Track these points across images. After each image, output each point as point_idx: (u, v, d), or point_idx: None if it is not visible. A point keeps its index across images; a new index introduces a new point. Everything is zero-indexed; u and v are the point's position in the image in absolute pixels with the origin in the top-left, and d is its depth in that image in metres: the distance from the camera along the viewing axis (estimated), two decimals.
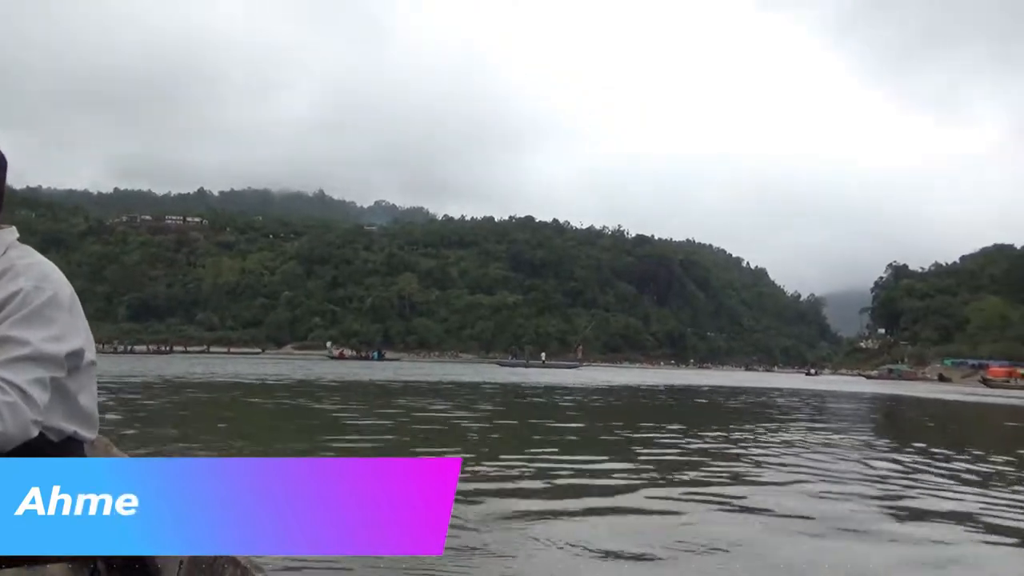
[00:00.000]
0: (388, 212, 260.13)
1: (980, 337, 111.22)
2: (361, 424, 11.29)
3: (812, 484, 7.07)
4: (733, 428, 13.07)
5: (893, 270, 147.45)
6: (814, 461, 8.77)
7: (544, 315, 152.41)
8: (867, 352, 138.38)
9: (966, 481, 7.72)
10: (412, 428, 11.19)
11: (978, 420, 21.57)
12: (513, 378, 36.00)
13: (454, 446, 9.04)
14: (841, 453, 9.77)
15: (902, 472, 8.23)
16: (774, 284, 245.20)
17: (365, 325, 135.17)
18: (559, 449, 9.02)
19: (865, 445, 11.10)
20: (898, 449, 10.68)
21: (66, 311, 1.56)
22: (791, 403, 23.30)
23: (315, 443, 8.90)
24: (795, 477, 7.51)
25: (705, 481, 7.07)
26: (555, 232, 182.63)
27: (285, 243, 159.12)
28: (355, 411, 13.92)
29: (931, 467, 8.74)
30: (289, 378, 27.33)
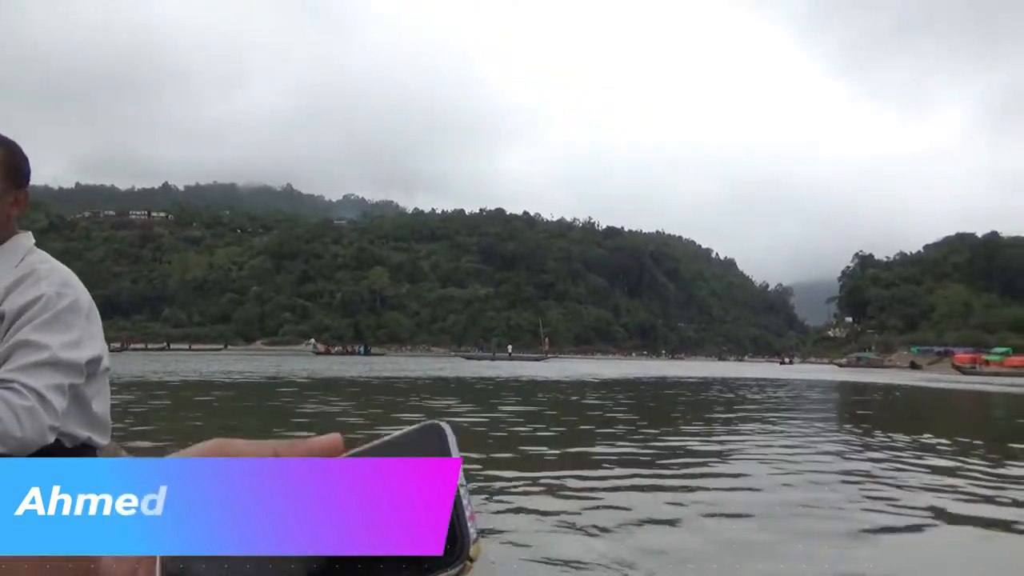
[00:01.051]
0: (357, 206, 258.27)
1: (945, 324, 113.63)
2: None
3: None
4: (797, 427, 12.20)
5: (860, 260, 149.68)
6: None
7: (515, 308, 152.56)
8: (834, 341, 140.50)
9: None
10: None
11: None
12: (490, 372, 35.71)
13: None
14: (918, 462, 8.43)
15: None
16: (743, 275, 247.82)
17: (336, 320, 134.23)
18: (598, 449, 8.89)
19: (958, 452, 9.40)
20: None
21: (84, 317, 1.57)
22: (795, 395, 22.78)
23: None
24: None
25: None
26: (526, 224, 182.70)
27: (253, 238, 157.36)
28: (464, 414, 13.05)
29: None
30: (291, 376, 26.28)
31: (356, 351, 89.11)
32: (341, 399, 16.12)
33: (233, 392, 18.08)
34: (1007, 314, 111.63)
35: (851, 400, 22.42)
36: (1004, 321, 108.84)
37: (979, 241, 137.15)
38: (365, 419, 11.58)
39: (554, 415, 13.46)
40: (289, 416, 12.18)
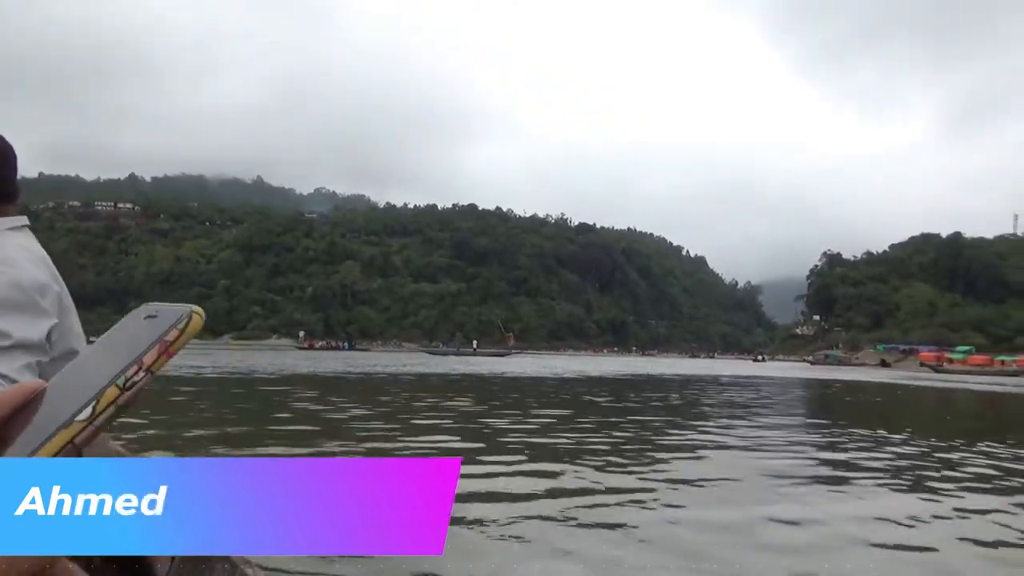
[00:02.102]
0: (329, 199, 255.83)
1: (910, 323, 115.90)
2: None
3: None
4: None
5: (827, 258, 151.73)
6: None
7: (487, 303, 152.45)
8: (802, 338, 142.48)
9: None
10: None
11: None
12: (466, 368, 35.47)
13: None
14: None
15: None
16: (713, 272, 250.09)
17: (306, 314, 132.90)
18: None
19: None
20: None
21: (36, 294, 1.51)
22: (787, 394, 22.70)
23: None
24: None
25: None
26: (499, 220, 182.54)
27: (222, 230, 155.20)
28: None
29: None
30: (286, 372, 25.84)
31: (340, 346, 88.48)
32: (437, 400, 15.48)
33: (242, 390, 17.64)
34: (970, 313, 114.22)
35: (860, 400, 21.99)
36: (967, 320, 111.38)
37: (943, 241, 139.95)
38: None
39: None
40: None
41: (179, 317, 0.43)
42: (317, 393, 16.68)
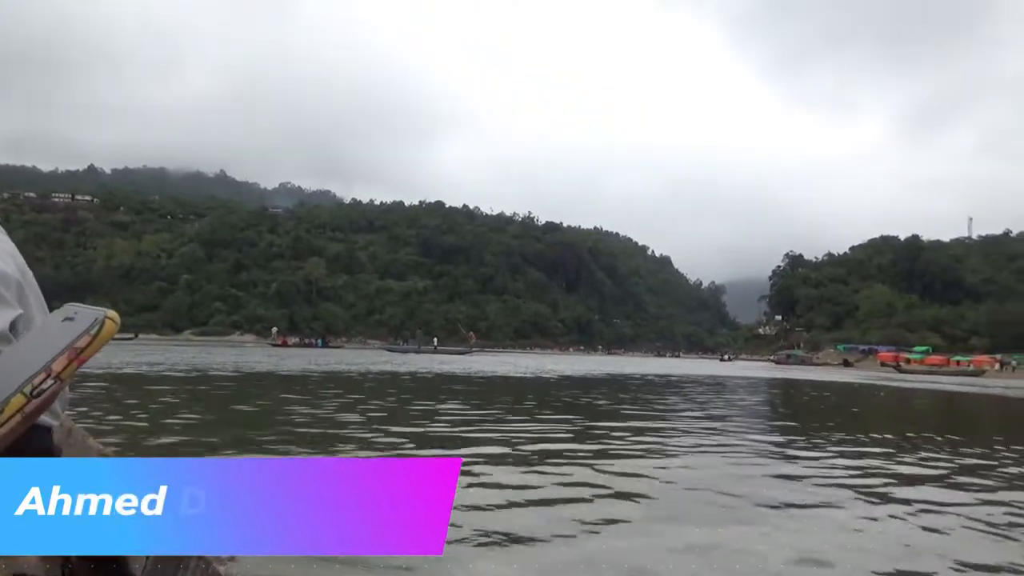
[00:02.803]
0: (294, 194, 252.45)
1: (869, 323, 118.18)
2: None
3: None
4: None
5: (790, 259, 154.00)
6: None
7: (454, 301, 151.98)
8: (765, 338, 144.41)
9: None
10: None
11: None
12: (443, 367, 35.23)
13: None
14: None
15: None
16: (678, 272, 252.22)
17: (270, 310, 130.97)
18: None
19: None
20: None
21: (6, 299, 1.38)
22: (778, 394, 22.48)
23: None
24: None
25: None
26: (465, 218, 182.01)
27: (184, 224, 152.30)
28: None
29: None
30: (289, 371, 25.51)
31: (314, 344, 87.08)
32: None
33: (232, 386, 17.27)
34: (927, 314, 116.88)
35: (846, 402, 21.55)
36: (924, 321, 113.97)
37: (902, 244, 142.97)
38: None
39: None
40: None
41: (91, 323, 0.44)
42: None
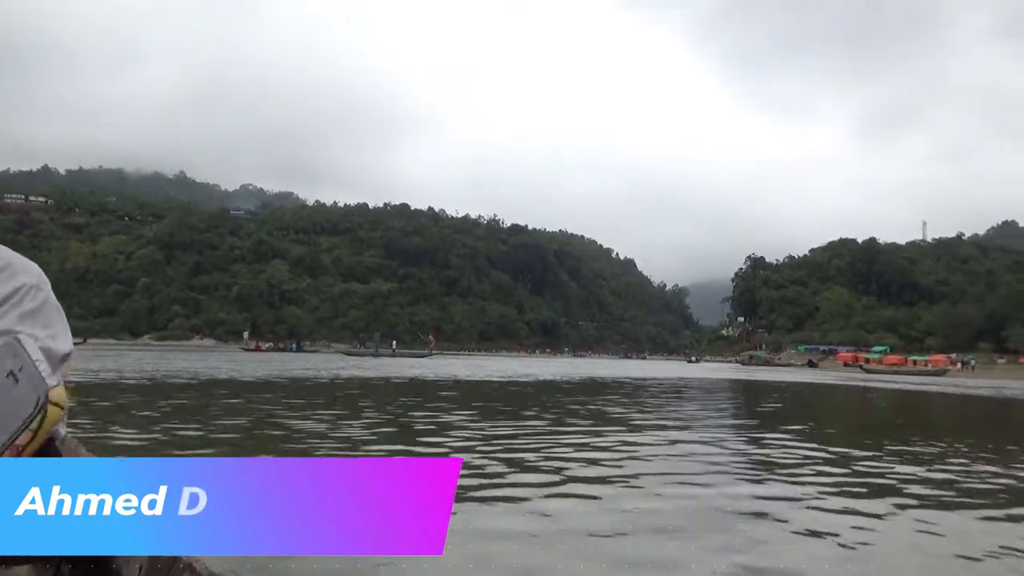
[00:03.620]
0: (256, 196, 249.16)
1: (829, 324, 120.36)
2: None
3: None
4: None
5: (752, 262, 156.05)
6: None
7: (419, 303, 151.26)
8: (728, 340, 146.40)
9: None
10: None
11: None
12: (416, 370, 34.74)
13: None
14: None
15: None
16: (642, 274, 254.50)
17: (231, 314, 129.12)
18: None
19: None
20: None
21: (57, 311, 1.56)
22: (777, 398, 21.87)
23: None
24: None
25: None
26: (430, 220, 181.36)
27: (142, 226, 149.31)
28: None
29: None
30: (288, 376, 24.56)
31: (289, 348, 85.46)
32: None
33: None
34: (884, 315, 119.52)
35: (843, 404, 20.96)
36: (882, 322, 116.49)
37: (859, 246, 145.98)
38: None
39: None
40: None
41: (29, 415, 0.41)
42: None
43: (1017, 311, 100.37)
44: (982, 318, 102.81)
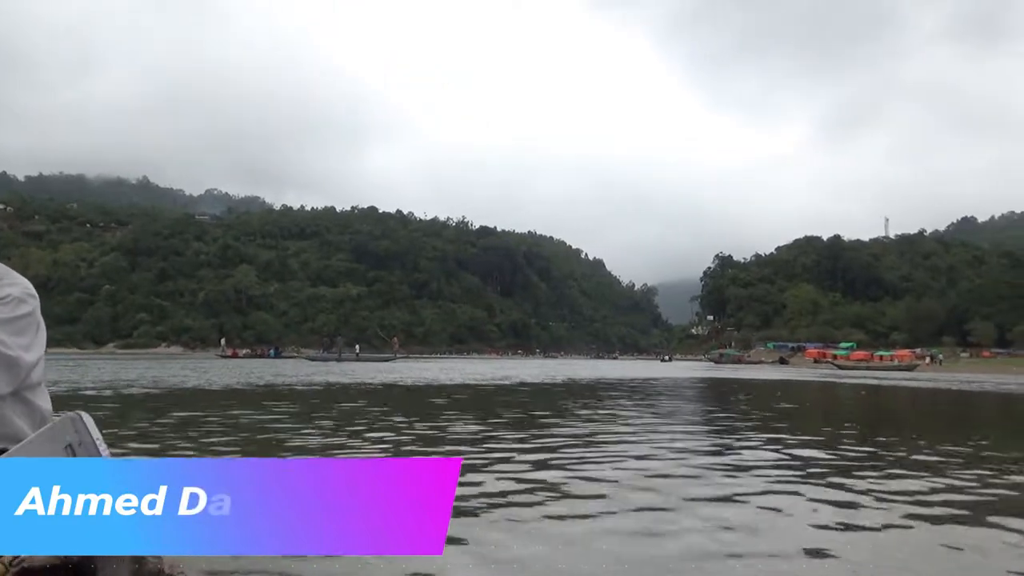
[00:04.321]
0: (221, 201, 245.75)
1: (796, 322, 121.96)
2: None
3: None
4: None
5: (720, 260, 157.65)
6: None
7: (389, 307, 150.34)
8: (697, 338, 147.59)
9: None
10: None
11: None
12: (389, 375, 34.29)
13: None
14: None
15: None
16: (611, 274, 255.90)
17: (198, 320, 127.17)
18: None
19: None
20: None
21: (36, 327, 1.65)
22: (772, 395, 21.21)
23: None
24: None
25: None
26: (399, 223, 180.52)
27: (105, 233, 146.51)
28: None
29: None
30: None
31: (267, 354, 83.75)
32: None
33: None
34: (850, 312, 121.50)
35: (853, 404, 19.84)
36: (848, 318, 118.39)
37: (824, 244, 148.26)
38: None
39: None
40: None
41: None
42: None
43: (978, 305, 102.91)
44: (944, 312, 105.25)
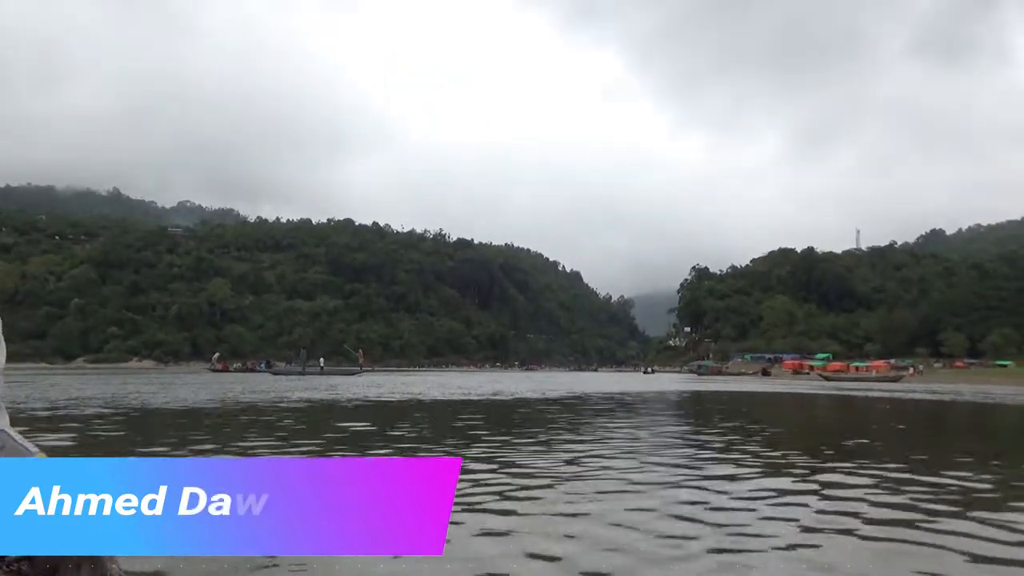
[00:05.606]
0: (194, 213, 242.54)
1: (772, 333, 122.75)
2: None
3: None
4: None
5: (696, 272, 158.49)
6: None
7: (366, 320, 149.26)
8: (675, 350, 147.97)
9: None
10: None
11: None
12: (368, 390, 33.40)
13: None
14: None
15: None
16: (588, 287, 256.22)
17: (171, 334, 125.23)
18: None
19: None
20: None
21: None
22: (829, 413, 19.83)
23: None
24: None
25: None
26: (376, 235, 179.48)
27: (75, 245, 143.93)
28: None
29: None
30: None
31: (257, 368, 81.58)
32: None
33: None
34: (825, 323, 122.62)
35: (889, 418, 17.81)
36: (823, 329, 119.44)
37: (799, 256, 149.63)
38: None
39: None
40: None
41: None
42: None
43: (949, 316, 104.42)
44: (916, 323, 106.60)
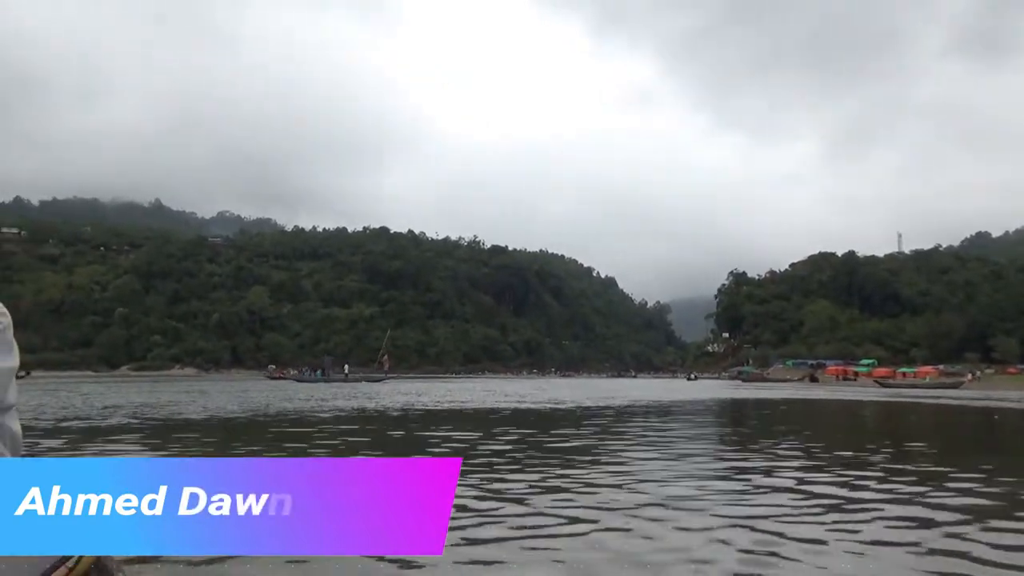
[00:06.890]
0: (233, 223, 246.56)
1: (814, 338, 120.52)
2: None
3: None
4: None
5: (734, 277, 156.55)
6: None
7: (402, 327, 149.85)
8: (714, 356, 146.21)
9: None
10: None
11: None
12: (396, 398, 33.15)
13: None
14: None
15: None
16: (623, 292, 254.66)
17: (211, 342, 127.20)
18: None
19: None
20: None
21: (10, 347, 1.65)
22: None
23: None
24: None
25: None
26: (411, 243, 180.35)
27: (119, 256, 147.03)
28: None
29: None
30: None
31: (311, 376, 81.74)
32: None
33: None
34: (868, 328, 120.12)
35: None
36: (867, 335, 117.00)
37: (839, 260, 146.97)
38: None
39: None
40: None
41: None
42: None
43: (999, 321, 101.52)
44: (964, 328, 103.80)
